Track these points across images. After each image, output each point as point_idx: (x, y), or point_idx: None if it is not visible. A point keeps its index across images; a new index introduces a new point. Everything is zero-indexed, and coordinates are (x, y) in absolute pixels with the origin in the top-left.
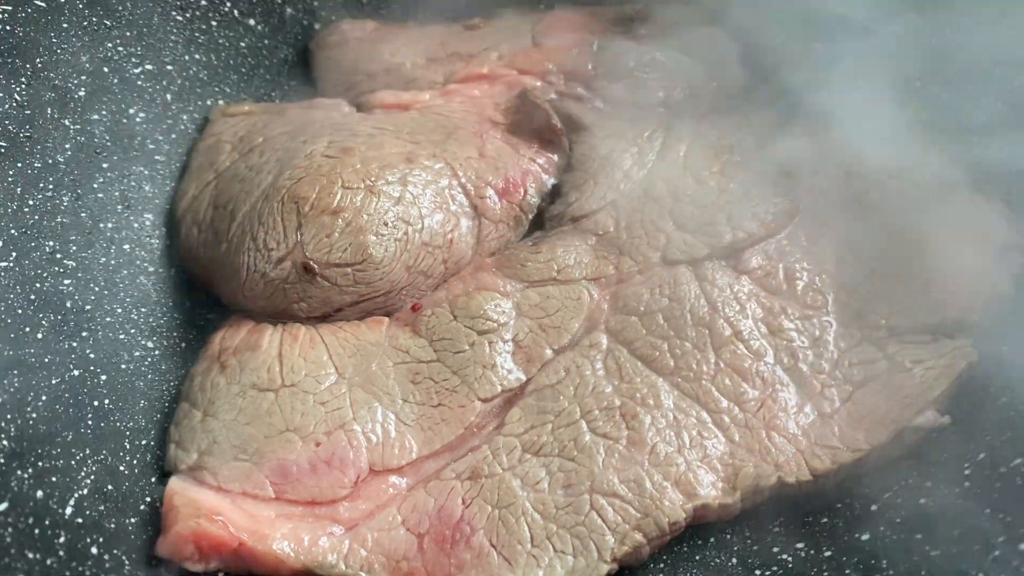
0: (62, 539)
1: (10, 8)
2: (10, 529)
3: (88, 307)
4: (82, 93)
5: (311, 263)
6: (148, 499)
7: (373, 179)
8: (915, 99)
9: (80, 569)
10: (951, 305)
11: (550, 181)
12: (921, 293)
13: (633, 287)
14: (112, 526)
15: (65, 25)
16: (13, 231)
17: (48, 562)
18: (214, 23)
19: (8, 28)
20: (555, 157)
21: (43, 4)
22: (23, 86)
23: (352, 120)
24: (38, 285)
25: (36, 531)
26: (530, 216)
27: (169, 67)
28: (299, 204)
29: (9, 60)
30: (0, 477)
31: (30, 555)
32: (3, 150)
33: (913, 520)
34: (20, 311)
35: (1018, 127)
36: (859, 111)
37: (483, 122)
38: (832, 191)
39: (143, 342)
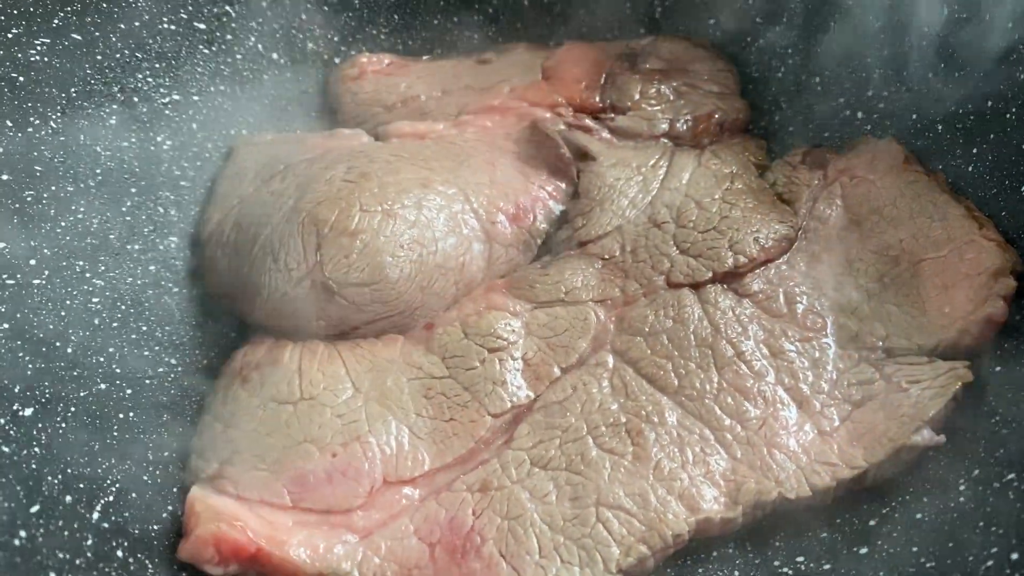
0: (90, 542)
1: (48, 41)
2: (42, 530)
3: (115, 324)
4: (113, 121)
5: (330, 282)
6: (170, 507)
7: (390, 203)
8: (907, 126)
9: (107, 570)
10: (946, 328)
11: (558, 207)
12: (917, 316)
13: (638, 309)
14: (136, 531)
15: (99, 57)
16: (46, 251)
17: (77, 562)
18: (239, 56)
19: (46, 60)
20: (563, 185)
21: (79, 37)
22: (59, 114)
23: (370, 148)
24: (68, 302)
25: (65, 533)
26: (539, 241)
27: (195, 97)
28: (319, 226)
29: (46, 89)
30: (32, 481)
31: (60, 555)
32: (38, 174)
33: (909, 534)
34: (52, 326)
35: (1008, 155)
36: (854, 137)
37: (494, 151)
38: (831, 216)
39: (167, 359)
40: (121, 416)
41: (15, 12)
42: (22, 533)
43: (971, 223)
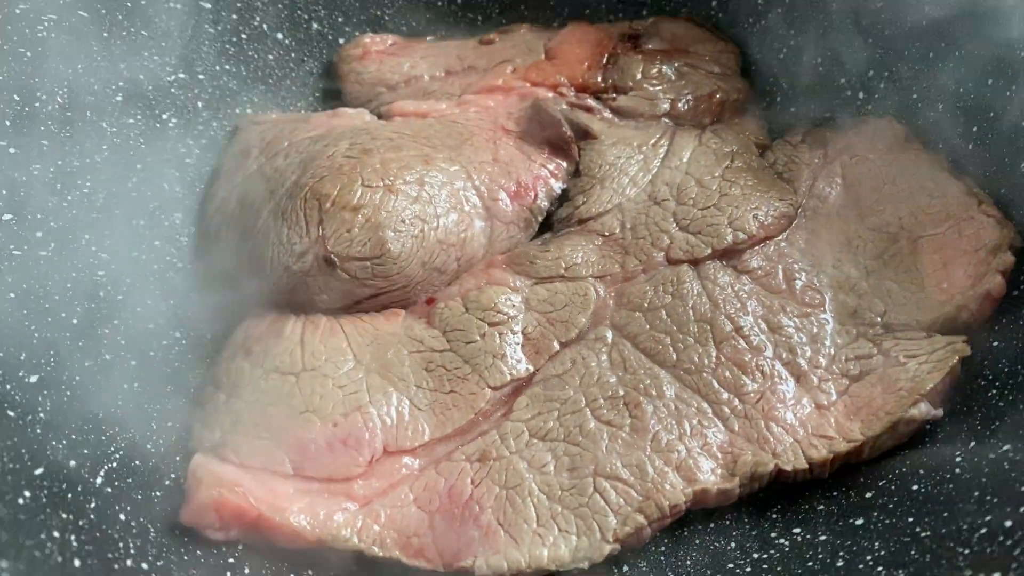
0: (93, 504)
1: (55, 17)
2: (45, 491)
3: (120, 297)
4: (119, 98)
5: (332, 257)
6: (173, 475)
7: (392, 178)
8: (907, 106)
9: (109, 532)
10: (945, 303)
11: (559, 186)
12: (916, 292)
13: (638, 285)
14: (139, 497)
15: (106, 34)
16: (53, 223)
17: (80, 523)
18: (244, 36)
19: (54, 36)
20: (564, 163)
21: (86, 14)
22: (65, 90)
23: (373, 126)
24: (74, 274)
25: (69, 495)
26: (539, 219)
27: (201, 76)
28: (321, 201)
29: (54, 65)
30: (37, 445)
31: (64, 515)
32: (45, 148)
33: (905, 505)
34: (58, 297)
35: (1008, 132)
36: (854, 117)
37: (497, 130)
38: (830, 195)
39: (171, 332)
40: (125, 387)
41: None
42: (26, 493)
43: (970, 200)
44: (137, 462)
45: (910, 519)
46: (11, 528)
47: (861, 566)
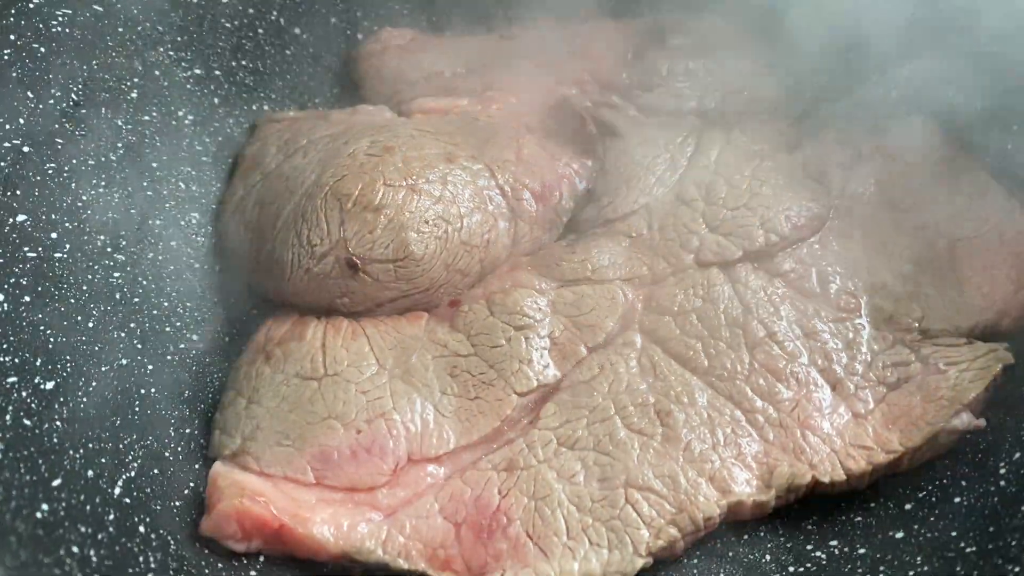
0: (112, 516)
1: (70, 12)
2: (63, 504)
3: (136, 299)
4: (134, 95)
5: (354, 258)
6: (192, 484)
7: (414, 178)
8: (944, 105)
9: (129, 545)
10: (985, 309)
11: (583, 185)
12: (955, 297)
13: (667, 288)
14: (158, 507)
15: (120, 29)
16: (68, 224)
17: (99, 536)
18: (261, 31)
19: (68, 31)
20: (589, 162)
21: (100, 8)
22: (80, 86)
23: (393, 123)
24: (90, 276)
25: (87, 507)
26: (564, 219)
27: (217, 72)
28: (342, 201)
29: (68, 61)
30: (54, 455)
31: (82, 528)
32: (59, 146)
33: (948, 519)
34: (73, 300)
35: None
36: (887, 116)
37: (520, 127)
38: (864, 195)
39: (188, 335)
40: (143, 392)
41: None
42: (44, 506)
43: (1011, 203)
44: (156, 470)
45: (953, 533)
46: (29, 545)
47: None
